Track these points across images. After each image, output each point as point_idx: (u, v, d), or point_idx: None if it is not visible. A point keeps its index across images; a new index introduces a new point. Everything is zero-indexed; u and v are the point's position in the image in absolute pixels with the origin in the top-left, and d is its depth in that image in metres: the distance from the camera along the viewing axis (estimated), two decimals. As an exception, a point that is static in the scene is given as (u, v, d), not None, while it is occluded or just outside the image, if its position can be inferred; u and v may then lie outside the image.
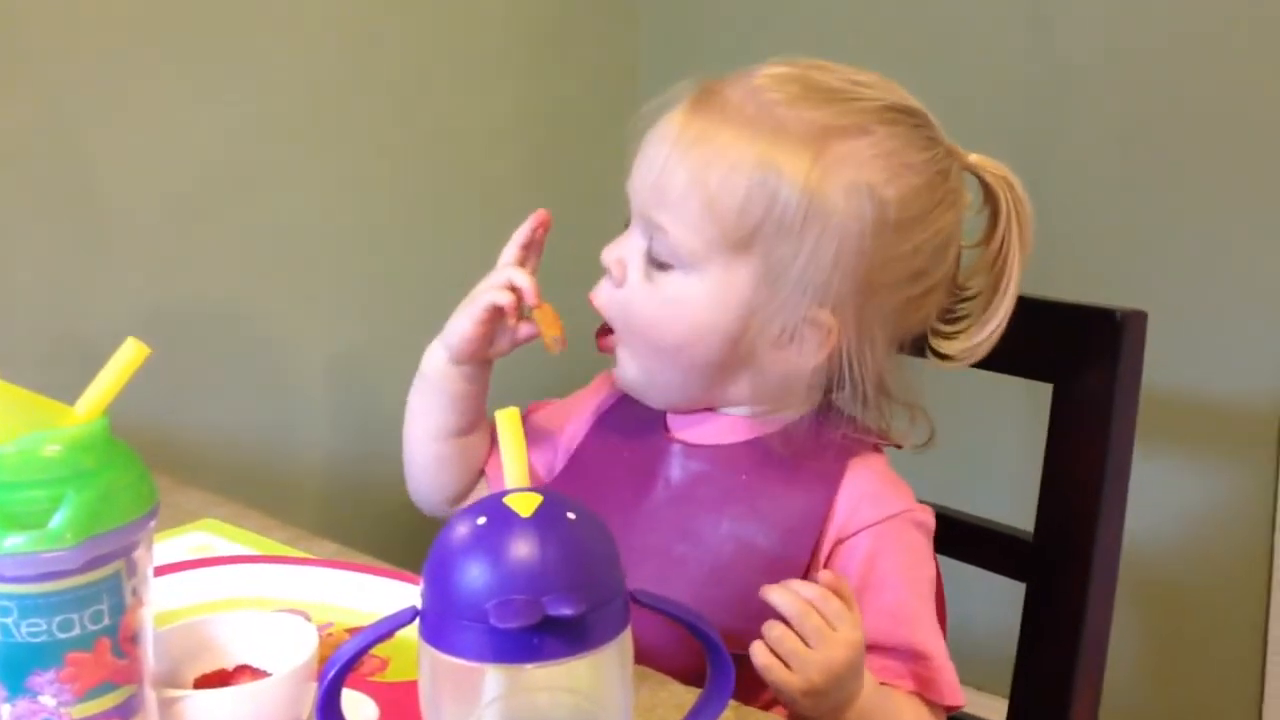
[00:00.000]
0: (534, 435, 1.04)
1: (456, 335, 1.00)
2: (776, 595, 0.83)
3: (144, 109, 1.55)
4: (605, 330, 0.98)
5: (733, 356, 0.92)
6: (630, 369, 0.97)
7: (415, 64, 1.85)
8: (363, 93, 1.79)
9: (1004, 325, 0.95)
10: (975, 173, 0.95)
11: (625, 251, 0.94)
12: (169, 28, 1.57)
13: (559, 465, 1.04)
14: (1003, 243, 0.94)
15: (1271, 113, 1.64)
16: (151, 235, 1.59)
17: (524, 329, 1.00)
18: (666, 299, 0.91)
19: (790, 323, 0.90)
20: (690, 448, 0.97)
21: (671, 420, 1.00)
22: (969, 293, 0.97)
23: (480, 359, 1.02)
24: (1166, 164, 1.72)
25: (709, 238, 0.89)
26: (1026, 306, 1.08)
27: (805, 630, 0.82)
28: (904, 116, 0.91)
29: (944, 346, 0.96)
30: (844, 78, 0.92)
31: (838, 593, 0.84)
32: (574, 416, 1.06)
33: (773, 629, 0.83)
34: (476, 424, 1.06)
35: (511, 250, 1.01)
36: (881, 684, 0.89)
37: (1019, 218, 0.94)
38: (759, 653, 0.83)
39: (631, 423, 1.01)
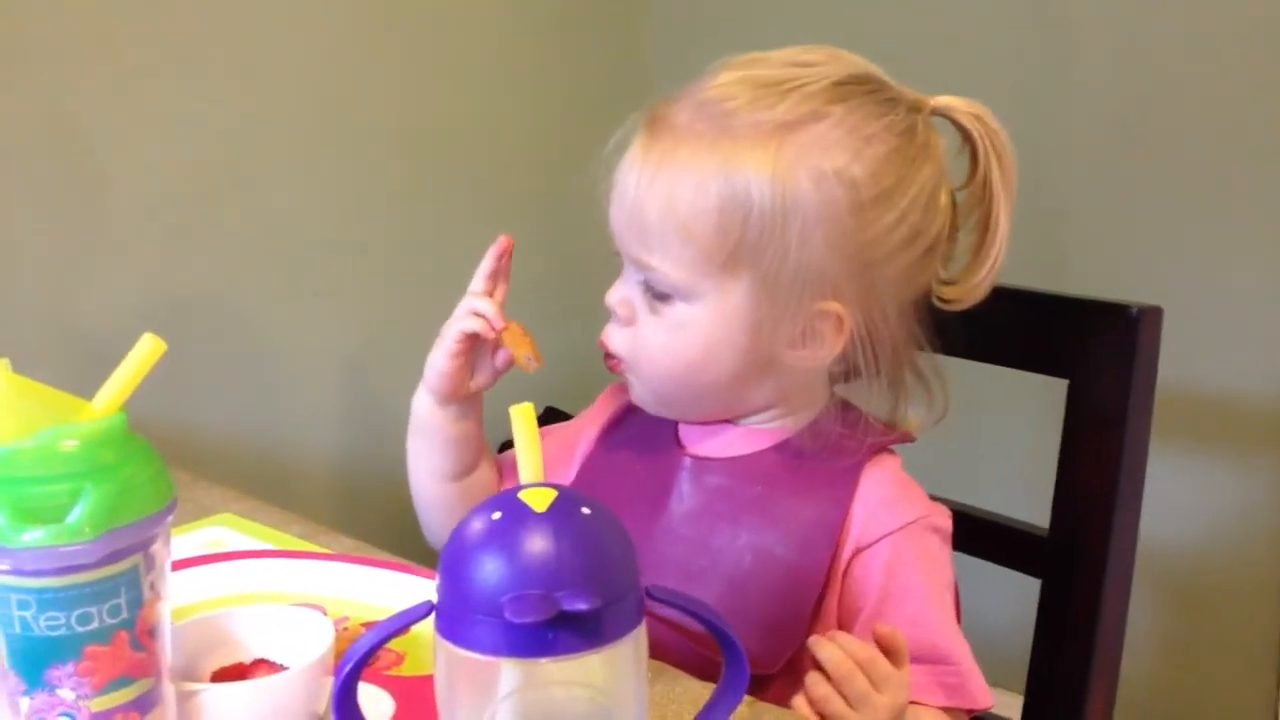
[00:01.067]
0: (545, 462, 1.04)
1: (435, 373, 1.00)
2: (825, 651, 0.81)
3: (147, 107, 1.56)
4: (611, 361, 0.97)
5: (752, 367, 0.92)
6: (643, 393, 0.97)
7: (420, 61, 1.85)
8: (367, 89, 1.79)
9: (1000, 261, 0.94)
10: (945, 116, 0.94)
11: (626, 291, 0.94)
12: (170, 26, 1.57)
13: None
14: (985, 178, 0.93)
15: (1289, 108, 1.63)
16: (160, 232, 1.59)
17: (501, 355, 1.00)
18: (673, 325, 0.91)
19: (800, 322, 0.89)
20: (703, 461, 0.97)
21: (684, 434, 0.99)
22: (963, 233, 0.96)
23: (464, 395, 1.01)
24: (1181, 160, 1.72)
25: (695, 264, 0.88)
26: (1042, 302, 1.09)
27: (849, 693, 0.80)
28: (854, 87, 0.90)
29: (945, 291, 0.95)
30: (787, 63, 0.90)
31: (891, 649, 0.83)
32: (583, 436, 1.06)
33: (817, 687, 0.81)
34: (477, 463, 1.06)
35: (478, 282, 1.00)
36: (912, 704, 0.88)
37: (996, 150, 0.93)
38: (800, 705, 0.82)
39: (641, 437, 1.01)
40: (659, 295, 0.91)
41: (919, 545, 0.92)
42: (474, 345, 0.99)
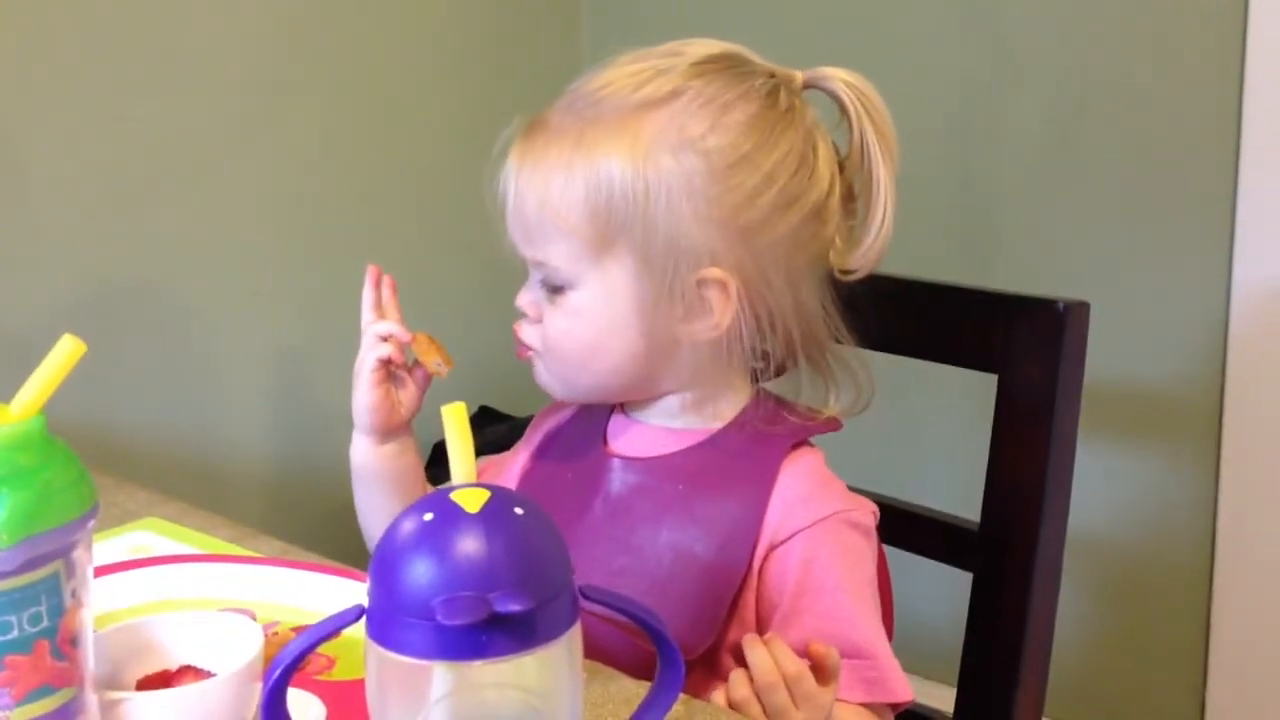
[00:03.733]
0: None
1: (364, 411, 1.01)
2: (756, 655, 0.83)
3: (77, 101, 1.53)
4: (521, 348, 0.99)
5: (654, 348, 0.93)
6: (548, 379, 0.98)
7: (355, 60, 1.84)
8: (302, 87, 1.77)
9: (888, 226, 0.95)
10: (815, 85, 0.96)
11: (531, 293, 0.96)
12: (104, 19, 1.55)
13: None
14: (862, 143, 0.95)
15: (1209, 104, 1.66)
16: (85, 229, 1.57)
17: (419, 373, 1.02)
18: (571, 314, 0.93)
19: (685, 295, 0.91)
20: (628, 461, 0.98)
21: (610, 436, 1.00)
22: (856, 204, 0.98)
23: (398, 425, 1.03)
24: (1108, 158, 1.74)
25: (575, 253, 0.91)
26: (971, 297, 1.10)
27: (768, 703, 0.82)
28: (713, 64, 0.92)
29: (840, 261, 0.96)
30: (661, 53, 0.94)
31: (821, 668, 0.84)
32: (518, 458, 1.07)
33: (738, 689, 0.83)
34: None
35: (368, 314, 1.03)
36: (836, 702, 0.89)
37: (871, 115, 0.94)
38: (718, 698, 0.84)
39: (570, 445, 1.03)
40: (554, 289, 0.93)
41: (836, 540, 0.93)
42: (389, 372, 1.01)
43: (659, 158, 0.89)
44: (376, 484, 1.05)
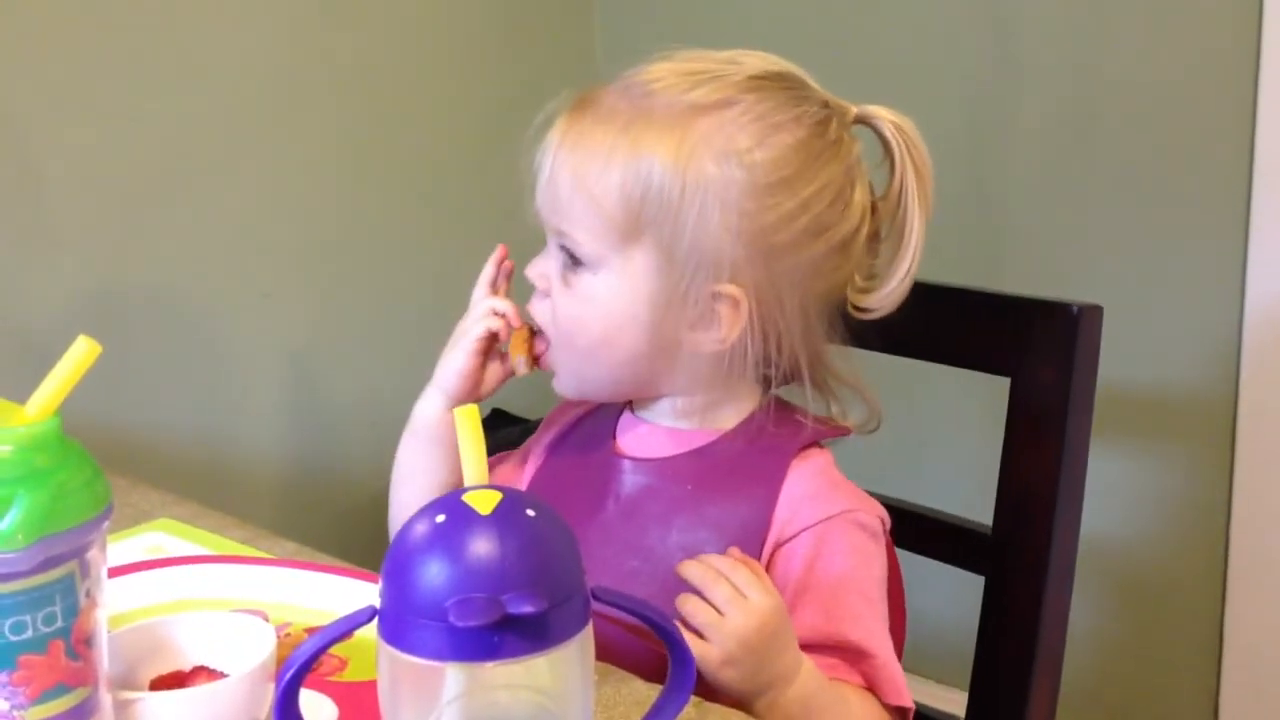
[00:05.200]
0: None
1: (453, 373, 1.01)
2: (688, 568, 0.86)
3: (91, 103, 1.54)
4: (539, 342, 1.00)
5: (657, 346, 0.93)
6: (564, 375, 0.98)
7: (368, 59, 1.84)
8: (315, 87, 1.78)
9: (913, 273, 0.95)
10: (865, 122, 0.96)
11: (544, 265, 0.97)
12: (118, 20, 1.55)
13: None
14: (901, 187, 0.95)
15: (1223, 105, 1.65)
16: (99, 231, 1.57)
17: (506, 364, 1.02)
18: (582, 298, 0.93)
19: (699, 302, 0.91)
20: (637, 463, 0.98)
21: (620, 437, 1.00)
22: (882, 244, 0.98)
23: (476, 398, 1.03)
24: (1121, 161, 1.74)
25: (601, 233, 0.91)
26: (983, 301, 1.09)
27: (716, 599, 0.84)
28: (770, 81, 0.93)
29: (858, 300, 0.97)
30: (721, 60, 0.94)
31: (745, 564, 0.86)
32: (530, 456, 1.07)
33: (686, 601, 0.84)
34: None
35: (482, 289, 1.03)
36: (833, 679, 0.90)
37: (914, 160, 0.95)
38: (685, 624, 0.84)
39: (581, 445, 1.03)
40: (573, 262, 0.93)
41: (842, 539, 0.93)
42: (491, 345, 1.01)
43: (702, 162, 0.89)
44: (432, 448, 1.04)
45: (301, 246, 1.79)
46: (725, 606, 0.83)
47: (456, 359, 1.01)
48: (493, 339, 1.01)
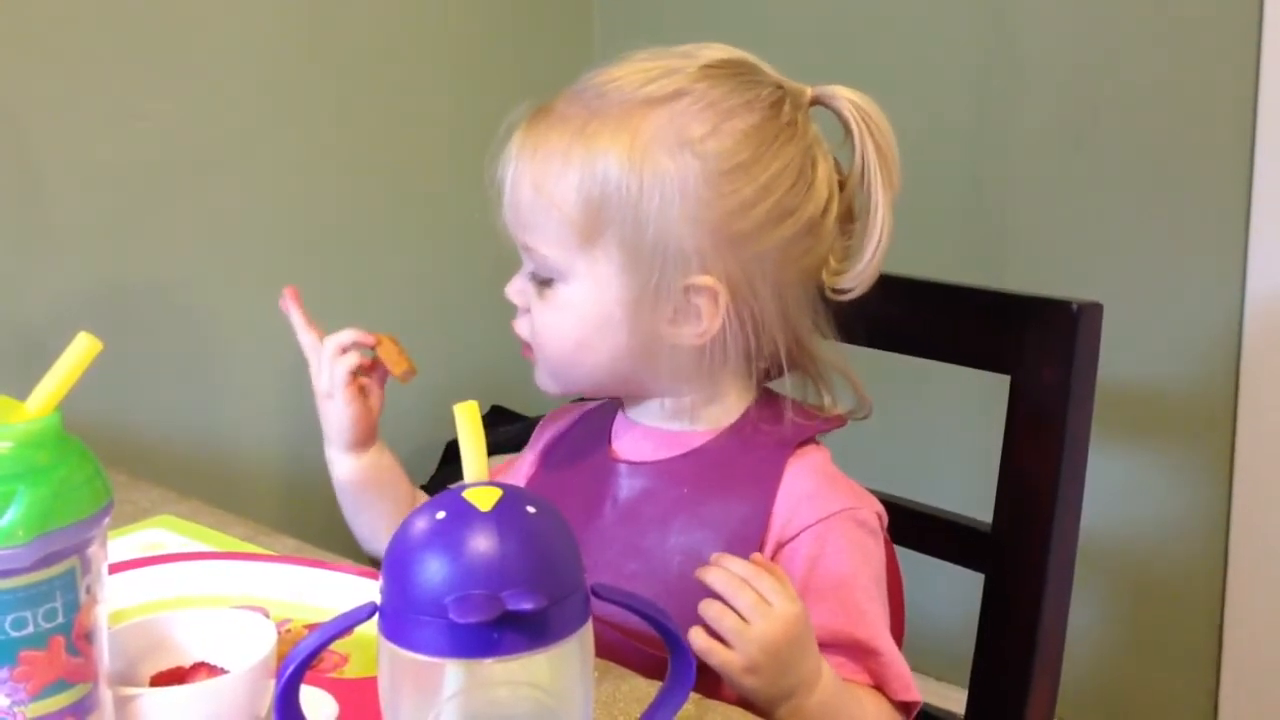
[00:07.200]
0: None
1: (345, 426, 1.04)
2: (711, 575, 0.84)
3: (92, 101, 1.54)
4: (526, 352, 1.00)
5: (638, 345, 0.93)
6: (544, 378, 0.99)
7: (374, 59, 1.84)
8: (314, 86, 1.78)
9: (883, 249, 0.94)
10: (823, 103, 0.95)
11: (520, 283, 0.97)
12: (118, 19, 1.55)
13: None
14: (863, 163, 0.94)
15: (1223, 104, 1.65)
16: (100, 228, 1.57)
17: (378, 372, 1.05)
18: (557, 307, 0.93)
19: (673, 297, 0.91)
20: (633, 465, 0.98)
21: (615, 440, 1.00)
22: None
23: (374, 431, 1.05)
24: (1121, 159, 1.74)
25: (565, 240, 0.91)
26: (983, 298, 1.09)
27: (740, 606, 0.83)
28: (721, 69, 0.92)
29: (833, 281, 0.96)
30: (675, 54, 0.94)
31: (769, 570, 0.85)
32: (525, 462, 1.08)
33: (710, 607, 0.83)
34: (413, 498, 1.10)
35: (306, 336, 1.06)
36: (845, 680, 0.89)
37: (874, 137, 0.94)
38: (697, 636, 0.83)
39: (577, 450, 1.03)
40: (543, 280, 0.94)
41: (842, 537, 0.93)
42: (361, 375, 1.03)
43: (656, 156, 0.89)
44: (363, 496, 1.07)
45: (302, 245, 1.79)
46: (749, 613, 0.82)
47: (339, 413, 1.03)
48: (356, 372, 1.02)
